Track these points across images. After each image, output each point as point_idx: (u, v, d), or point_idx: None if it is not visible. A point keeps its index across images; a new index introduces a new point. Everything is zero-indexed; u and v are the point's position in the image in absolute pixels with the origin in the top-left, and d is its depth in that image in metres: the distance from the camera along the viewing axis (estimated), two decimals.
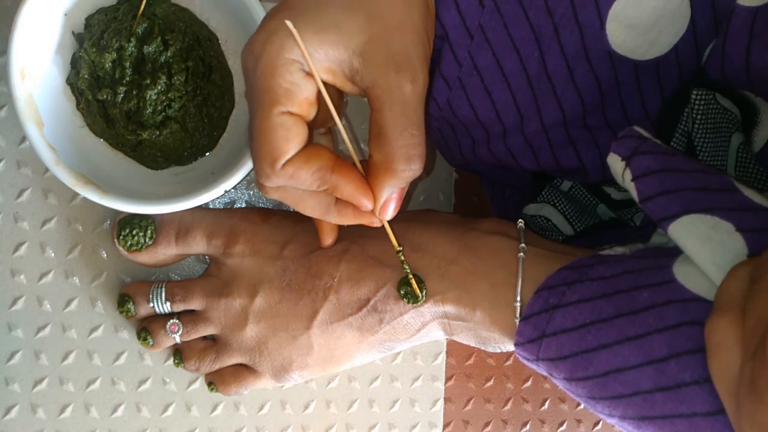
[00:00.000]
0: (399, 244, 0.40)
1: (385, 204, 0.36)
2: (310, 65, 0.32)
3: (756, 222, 0.33)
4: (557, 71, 0.38)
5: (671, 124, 0.40)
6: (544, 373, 0.38)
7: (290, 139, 0.33)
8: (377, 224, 0.38)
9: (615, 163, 0.37)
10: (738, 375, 0.27)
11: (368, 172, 0.35)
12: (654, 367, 0.32)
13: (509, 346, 0.42)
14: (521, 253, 0.40)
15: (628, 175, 0.36)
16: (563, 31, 0.37)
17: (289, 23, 0.31)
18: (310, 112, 0.34)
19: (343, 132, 0.36)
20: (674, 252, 0.35)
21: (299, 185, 0.34)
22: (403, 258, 0.40)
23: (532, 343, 0.38)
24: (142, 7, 0.41)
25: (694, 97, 0.39)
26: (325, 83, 0.34)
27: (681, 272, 0.33)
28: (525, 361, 0.39)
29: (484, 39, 0.38)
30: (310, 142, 0.35)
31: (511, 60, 0.38)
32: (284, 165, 0.33)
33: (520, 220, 0.43)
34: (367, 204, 0.35)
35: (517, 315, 0.39)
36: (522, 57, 0.38)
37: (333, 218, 0.36)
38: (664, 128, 0.40)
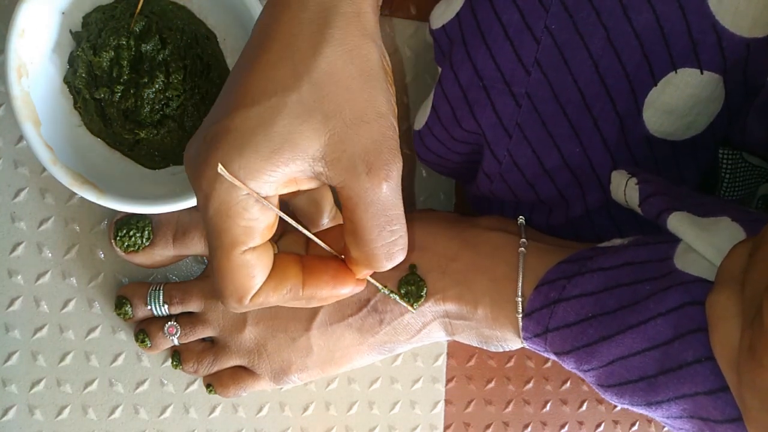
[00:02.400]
0: (384, 285, 0.38)
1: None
2: (263, 201, 0.29)
3: (751, 216, 0.33)
4: (601, 163, 0.39)
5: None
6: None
7: (255, 275, 0.30)
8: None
9: (621, 176, 0.38)
10: (738, 347, 0.27)
11: (346, 258, 0.32)
12: (659, 351, 0.32)
13: (512, 345, 0.42)
14: (522, 248, 0.40)
15: (633, 180, 0.37)
16: (603, 124, 0.37)
17: (223, 172, 0.27)
18: (274, 231, 0.31)
19: (313, 238, 0.32)
20: (673, 238, 0.36)
21: (272, 305, 0.32)
22: (391, 291, 0.38)
23: (538, 338, 0.38)
24: (140, 5, 0.41)
25: (721, 156, 0.40)
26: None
27: (682, 262, 0.34)
28: (539, 353, 0.40)
29: (523, 137, 0.38)
30: (276, 253, 0.32)
31: (551, 157, 0.39)
32: (252, 298, 0.30)
33: (520, 216, 0.43)
34: (347, 291, 0.33)
35: (519, 310, 0.39)
36: (563, 153, 0.39)
37: (316, 304, 0.33)
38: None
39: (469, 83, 0.38)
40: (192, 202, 0.41)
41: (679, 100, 0.36)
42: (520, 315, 0.38)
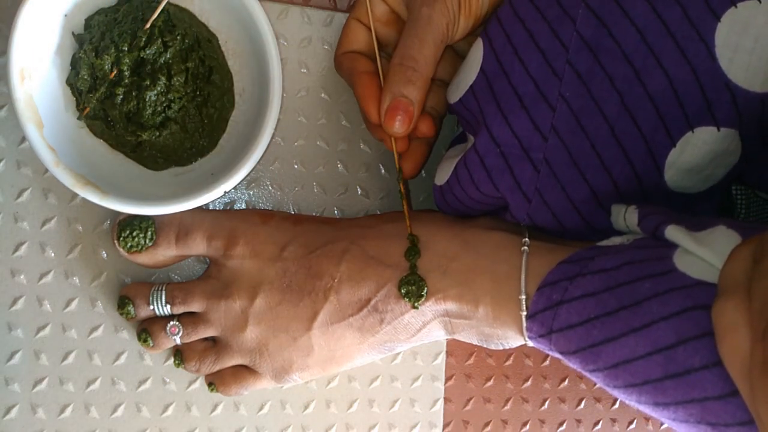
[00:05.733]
0: (400, 169, 0.45)
1: (391, 116, 0.40)
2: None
3: (746, 224, 0.34)
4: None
5: None
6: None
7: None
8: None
9: (620, 206, 0.38)
10: (749, 357, 0.27)
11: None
12: (662, 355, 0.32)
13: (512, 343, 0.42)
14: (525, 247, 0.40)
15: (632, 206, 0.37)
16: (623, 185, 0.38)
17: None
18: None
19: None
20: (673, 244, 0.36)
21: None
22: (401, 184, 0.45)
23: (542, 338, 0.38)
24: (150, 23, 0.41)
25: (734, 191, 0.40)
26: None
27: (681, 262, 0.34)
28: (544, 351, 0.40)
29: (542, 202, 0.39)
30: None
31: (573, 219, 0.39)
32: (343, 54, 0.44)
33: None
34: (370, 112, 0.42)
35: (523, 308, 0.39)
36: (584, 215, 0.39)
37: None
38: None
39: (486, 151, 0.39)
40: (193, 203, 0.42)
41: (698, 157, 0.37)
42: (524, 313, 0.39)
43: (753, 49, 0.34)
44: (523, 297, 0.39)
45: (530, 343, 0.40)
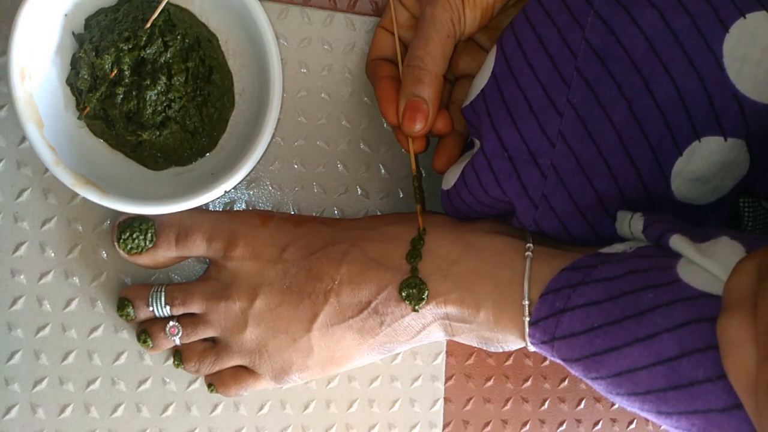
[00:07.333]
0: (417, 169, 0.46)
1: (408, 117, 0.42)
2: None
3: (750, 235, 0.33)
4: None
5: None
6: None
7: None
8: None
9: (625, 213, 0.38)
10: (755, 374, 0.27)
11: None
12: (666, 366, 0.32)
13: (512, 346, 0.42)
14: (529, 252, 0.40)
15: (638, 214, 0.37)
16: (630, 193, 0.38)
17: None
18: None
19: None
20: (676, 252, 0.35)
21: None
22: (416, 184, 0.46)
23: (545, 344, 0.38)
24: (150, 22, 0.41)
25: (741, 204, 0.40)
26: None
27: (685, 272, 0.33)
28: (546, 356, 0.40)
29: (549, 208, 0.39)
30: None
31: (579, 226, 0.39)
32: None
33: None
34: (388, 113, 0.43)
35: (526, 314, 0.39)
36: (590, 221, 0.39)
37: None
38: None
39: (493, 153, 0.39)
40: (193, 203, 0.42)
41: (704, 167, 0.36)
42: (527, 319, 0.39)
43: (760, 61, 0.34)
44: (527, 303, 0.39)
45: (532, 348, 0.40)
